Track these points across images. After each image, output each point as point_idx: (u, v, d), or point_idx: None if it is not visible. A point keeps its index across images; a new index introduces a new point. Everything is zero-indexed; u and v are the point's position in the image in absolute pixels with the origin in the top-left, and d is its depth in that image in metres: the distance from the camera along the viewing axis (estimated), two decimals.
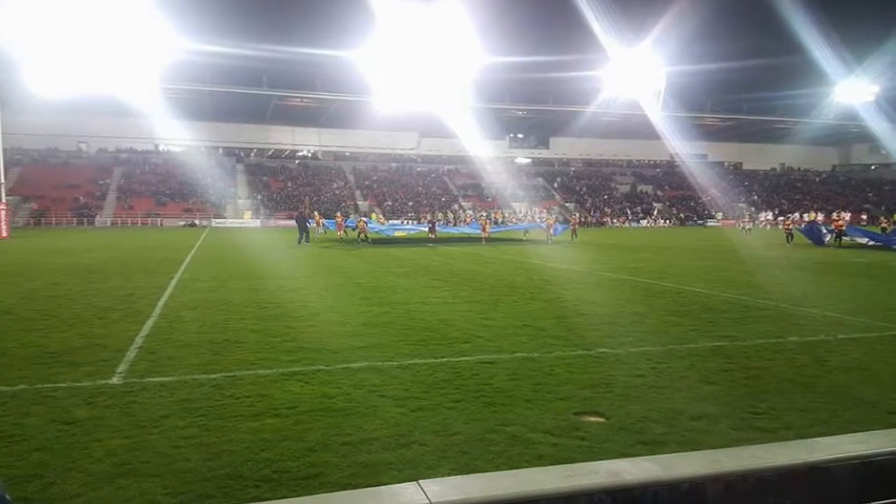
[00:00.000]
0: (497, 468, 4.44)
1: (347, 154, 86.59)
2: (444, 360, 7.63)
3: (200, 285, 14.92)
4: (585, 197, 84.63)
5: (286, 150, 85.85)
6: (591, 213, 78.41)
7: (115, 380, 6.77)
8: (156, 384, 6.60)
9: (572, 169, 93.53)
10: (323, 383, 6.63)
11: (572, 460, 4.56)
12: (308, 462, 4.59)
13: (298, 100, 74.82)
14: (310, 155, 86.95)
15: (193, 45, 51.41)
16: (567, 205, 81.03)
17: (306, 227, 33.24)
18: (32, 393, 6.26)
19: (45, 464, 4.54)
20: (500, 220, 50.06)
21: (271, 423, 5.43)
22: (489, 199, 77.93)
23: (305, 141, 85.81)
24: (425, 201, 75.47)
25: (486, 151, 75.60)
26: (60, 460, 4.60)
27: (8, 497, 1.98)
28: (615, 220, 77.40)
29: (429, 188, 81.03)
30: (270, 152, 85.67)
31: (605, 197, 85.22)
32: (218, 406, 5.88)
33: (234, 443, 4.96)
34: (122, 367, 7.26)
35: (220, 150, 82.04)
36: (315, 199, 72.59)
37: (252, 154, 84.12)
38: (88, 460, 4.60)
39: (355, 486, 4.16)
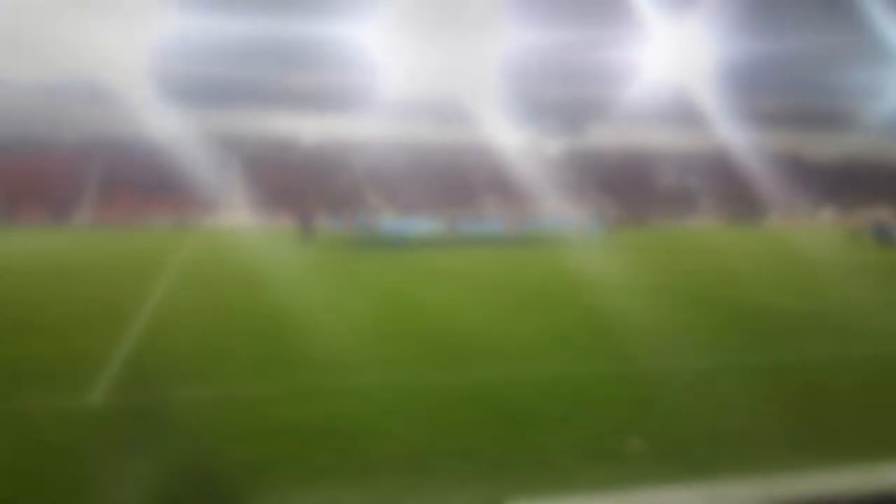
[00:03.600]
0: (528, 496, 4.42)
1: (357, 143, 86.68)
2: (468, 375, 7.62)
3: None
4: (624, 191, 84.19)
5: (288, 139, 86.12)
6: (632, 210, 78.02)
7: (93, 397, 6.83)
8: (137, 403, 6.66)
9: (609, 160, 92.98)
10: (329, 401, 6.63)
11: (612, 487, 4.53)
12: (314, 489, 4.61)
13: (302, 81, 74.97)
14: (314, 144, 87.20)
15: (184, 18, 51.77)
16: (603, 200, 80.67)
17: (310, 225, 33.79)
18: None
19: (11, 492, 4.61)
20: (527, 217, 49.78)
21: (272, 444, 5.42)
22: (516, 194, 77.69)
23: (309, 128, 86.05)
24: (444, 196, 75.40)
25: (512, 140, 75.40)
26: (31, 490, 4.66)
27: None
28: (658, 217, 76.94)
29: (448, 181, 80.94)
30: (269, 141, 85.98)
31: (647, 191, 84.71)
32: (209, 426, 5.94)
33: (229, 467, 5.00)
34: (101, 383, 7.32)
35: (213, 139, 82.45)
36: (320, 193, 72.82)
37: (249, 143, 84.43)
38: (62, 491, 4.64)
39: None
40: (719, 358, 8.64)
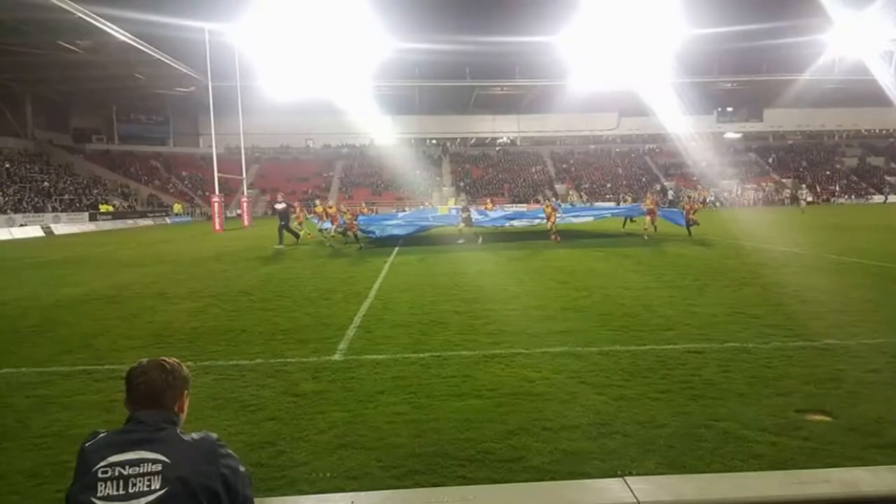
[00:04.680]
0: (708, 466, 4.12)
1: (546, 139, 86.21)
2: (648, 347, 7.26)
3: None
4: (805, 172, 77.02)
5: (487, 138, 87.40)
6: (816, 190, 71.30)
7: (336, 356, 7.28)
8: (371, 361, 7.00)
9: (790, 142, 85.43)
10: (523, 367, 6.59)
11: (794, 464, 4.13)
12: (510, 445, 4.58)
13: (499, 88, 75.78)
14: (509, 141, 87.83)
15: (402, 43, 53.84)
16: (784, 181, 74.47)
17: (288, 223, 24.36)
18: (268, 367, 6.90)
19: (276, 433, 4.96)
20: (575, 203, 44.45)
21: (474, 403, 5.49)
22: (694, 179, 73.77)
23: (505, 128, 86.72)
24: (624, 182, 73.24)
25: (691, 128, 71.26)
26: (290, 430, 5.00)
27: (243, 469, 2.13)
28: (842, 197, 69.85)
29: (628, 169, 78.46)
30: (472, 141, 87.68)
31: (828, 172, 76.94)
32: (426, 385, 6.09)
33: (440, 421, 5.08)
34: (342, 345, 7.78)
35: (427, 142, 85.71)
36: (514, 184, 73.19)
37: (456, 143, 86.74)
38: (314, 431, 4.96)
39: (556, 473, 4.10)
40: None
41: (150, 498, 1.92)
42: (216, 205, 40.00)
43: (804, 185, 71.30)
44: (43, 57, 49.35)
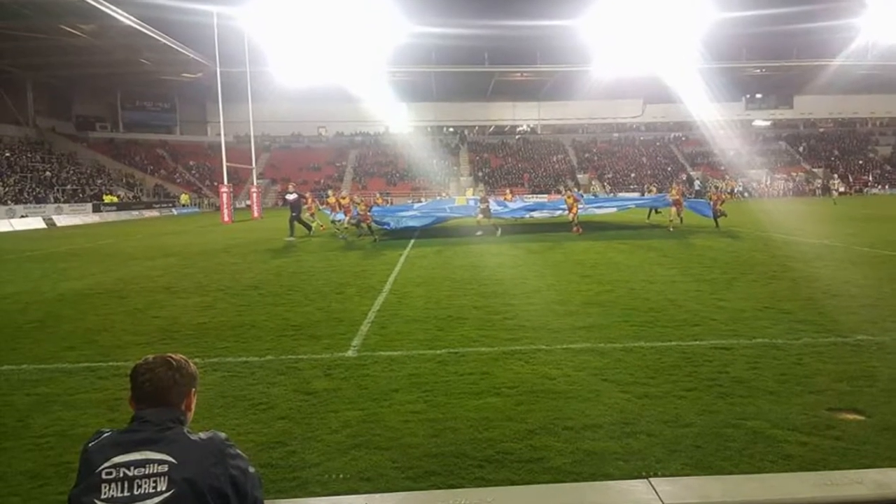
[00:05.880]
0: (736, 467, 4.10)
1: (567, 127, 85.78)
2: (673, 343, 7.23)
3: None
4: (837, 161, 76.07)
5: (506, 126, 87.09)
6: (848, 180, 70.39)
7: (350, 353, 7.29)
8: (385, 358, 7.00)
9: (821, 130, 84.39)
10: (543, 363, 6.58)
11: (826, 464, 4.09)
12: (530, 445, 4.57)
13: (519, 74, 75.41)
14: (529, 129, 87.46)
15: (418, 27, 53.70)
16: (815, 170, 73.57)
17: (299, 215, 24.37)
18: (278, 363, 6.92)
19: (287, 432, 4.97)
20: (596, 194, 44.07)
21: (493, 402, 5.49)
22: (721, 168, 73.11)
23: (525, 116, 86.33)
24: (649, 172, 72.73)
25: (718, 115, 70.56)
26: (301, 429, 5.02)
27: (252, 470, 2.14)
28: (875, 187, 68.88)
29: (653, 158, 77.88)
30: (491, 129, 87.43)
31: (861, 161, 75.94)
32: (443, 382, 6.08)
33: (457, 420, 5.08)
34: (356, 341, 7.79)
35: (444, 130, 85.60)
36: (534, 174, 72.93)
37: (474, 131, 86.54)
38: (326, 430, 4.97)
39: (579, 474, 4.09)
40: None
41: (157, 500, 1.92)
42: (225, 195, 40.23)
43: (836, 175, 70.49)
44: (44, 41, 49.65)
